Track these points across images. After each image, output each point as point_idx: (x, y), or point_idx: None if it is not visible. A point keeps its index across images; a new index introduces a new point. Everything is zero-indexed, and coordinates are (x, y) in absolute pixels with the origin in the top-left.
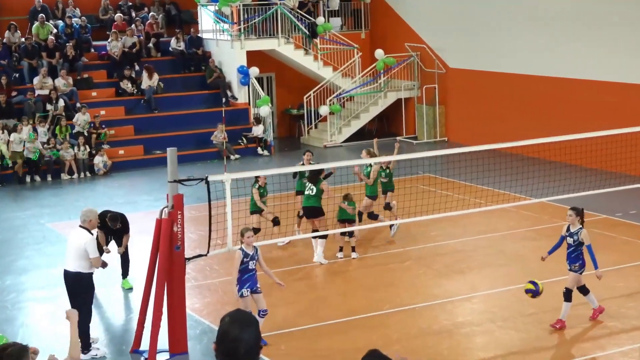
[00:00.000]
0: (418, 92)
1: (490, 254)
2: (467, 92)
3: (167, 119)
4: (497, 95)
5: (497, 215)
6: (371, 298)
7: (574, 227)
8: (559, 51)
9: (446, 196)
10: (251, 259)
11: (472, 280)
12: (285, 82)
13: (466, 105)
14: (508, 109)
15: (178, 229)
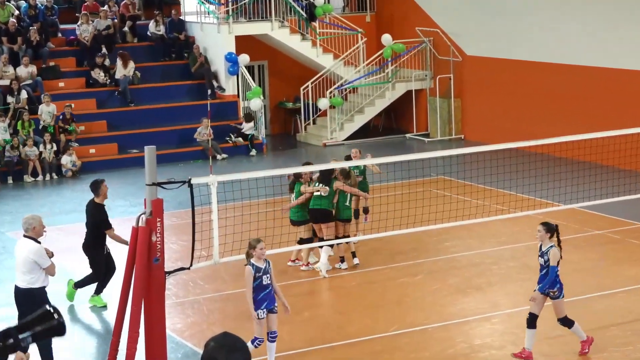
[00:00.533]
0: (431, 83)
1: (513, 267)
2: (487, 83)
3: (144, 113)
4: (521, 87)
5: (520, 224)
6: (376, 318)
7: (544, 246)
8: (594, 37)
9: (463, 202)
10: (264, 272)
11: (492, 297)
12: (280, 72)
13: (485, 98)
14: (533, 102)
15: (157, 239)
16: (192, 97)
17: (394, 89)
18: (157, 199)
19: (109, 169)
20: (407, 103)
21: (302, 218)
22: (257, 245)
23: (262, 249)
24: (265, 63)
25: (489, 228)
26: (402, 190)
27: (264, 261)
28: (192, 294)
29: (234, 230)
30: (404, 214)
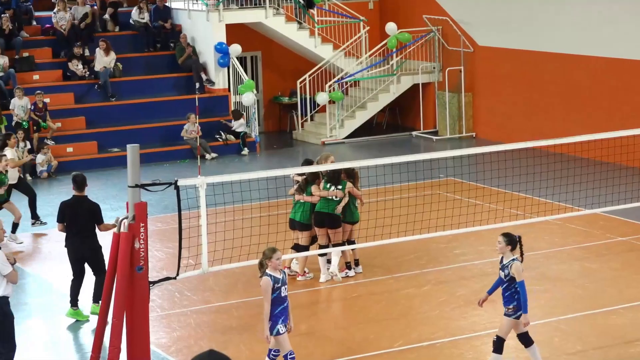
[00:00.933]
0: (439, 76)
1: (528, 277)
2: (501, 77)
3: (126, 108)
4: (538, 81)
5: (537, 230)
6: (379, 332)
7: (506, 259)
8: (618, 26)
9: (474, 205)
10: (282, 283)
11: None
12: (274, 64)
13: (499, 93)
14: (552, 97)
15: (140, 246)
16: (179, 91)
17: (399, 82)
18: (141, 202)
19: (87, 170)
20: (413, 98)
21: (308, 221)
22: (273, 256)
23: (279, 259)
24: (258, 54)
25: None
26: (408, 193)
27: (280, 272)
28: (178, 306)
29: (224, 237)
30: (409, 219)
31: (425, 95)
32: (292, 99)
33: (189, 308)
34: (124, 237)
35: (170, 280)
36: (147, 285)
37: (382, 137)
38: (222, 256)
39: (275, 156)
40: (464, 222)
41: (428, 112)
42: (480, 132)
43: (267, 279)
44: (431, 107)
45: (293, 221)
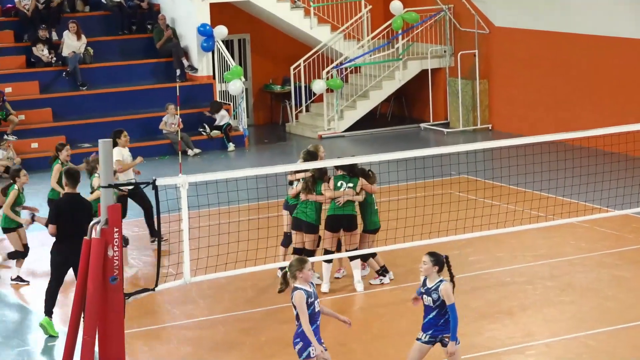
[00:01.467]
0: (451, 61)
1: (552, 287)
2: (520, 61)
3: (98, 98)
4: (563, 66)
5: (562, 233)
6: (383, 350)
7: (431, 281)
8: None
9: (490, 206)
10: (315, 297)
11: (526, 324)
12: (265, 48)
13: (518, 80)
14: (578, 84)
15: (114, 254)
16: (157, 79)
17: (406, 68)
18: (115, 204)
19: None
20: (421, 86)
21: (316, 221)
22: (304, 266)
23: (310, 271)
24: (247, 37)
25: (522, 239)
26: (415, 193)
27: (310, 285)
28: (158, 321)
29: (208, 243)
30: (417, 222)
31: (435, 83)
32: (285, 87)
33: (170, 323)
34: (95, 244)
35: (148, 292)
36: (122, 297)
37: (387, 129)
38: (206, 265)
39: (266, 152)
40: (478, 225)
41: (438, 102)
42: (497, 124)
43: (301, 292)
44: (442, 96)
45: (299, 221)
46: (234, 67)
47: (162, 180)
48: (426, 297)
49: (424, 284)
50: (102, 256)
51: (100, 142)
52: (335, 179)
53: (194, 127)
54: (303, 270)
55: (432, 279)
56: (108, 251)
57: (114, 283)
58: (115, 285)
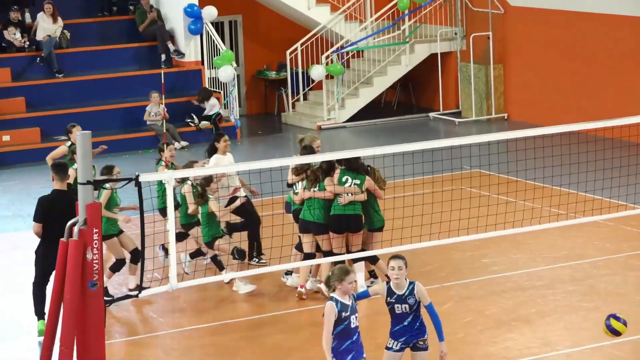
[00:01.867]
0: (462, 44)
1: (573, 292)
2: (538, 44)
3: (76, 87)
4: (586, 49)
5: (585, 233)
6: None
7: (400, 287)
8: None
9: (506, 203)
10: (352, 312)
11: (545, 333)
12: (258, 30)
13: (536, 65)
14: (602, 69)
15: (94, 257)
16: (140, 65)
17: (413, 52)
18: (94, 202)
19: (28, 163)
20: (430, 71)
21: (324, 220)
22: (346, 278)
23: (352, 283)
24: (238, 18)
25: (541, 239)
26: (423, 189)
27: (350, 297)
28: (141, 331)
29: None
30: (425, 221)
31: (445, 68)
32: (281, 73)
33: (155, 332)
34: (73, 246)
35: (131, 298)
36: (103, 304)
37: (392, 120)
38: (194, 268)
39: (259, 145)
40: (493, 224)
41: (449, 89)
42: (513, 113)
43: (332, 304)
44: (452, 82)
45: (306, 223)
46: (225, 52)
47: (145, 176)
48: (398, 305)
49: (390, 294)
50: (81, 259)
51: (78, 135)
52: (341, 173)
53: (181, 117)
54: (343, 283)
55: (401, 285)
56: (87, 254)
57: (93, 289)
58: (95, 291)
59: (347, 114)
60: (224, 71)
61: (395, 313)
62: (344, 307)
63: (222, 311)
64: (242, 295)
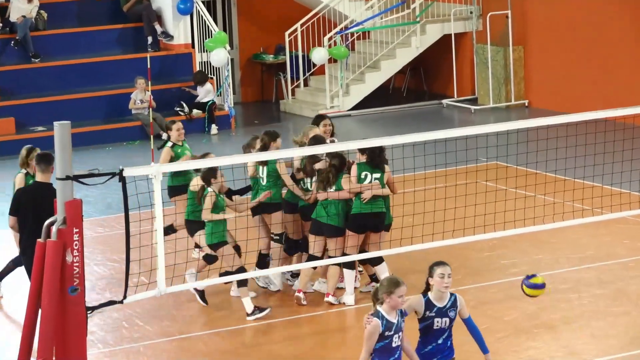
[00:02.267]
0: (478, 24)
1: (601, 296)
2: (562, 24)
3: (54, 72)
4: (613, 30)
5: (613, 231)
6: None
7: (442, 299)
8: None
9: (525, 198)
10: (396, 331)
11: (570, 341)
12: (254, 10)
13: (559, 47)
14: (632, 52)
15: (74, 259)
16: (125, 49)
17: (424, 33)
18: (74, 199)
19: (2, 156)
20: (443, 54)
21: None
22: (395, 290)
23: (402, 297)
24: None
25: (565, 238)
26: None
27: (397, 313)
28: (127, 340)
29: (187, 245)
30: (438, 218)
31: (459, 51)
32: (279, 57)
33: (142, 342)
34: (51, 248)
35: (115, 304)
36: (84, 312)
37: (402, 107)
38: (184, 272)
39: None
40: (512, 221)
41: (464, 73)
42: (534, 100)
43: (377, 322)
44: (468, 66)
45: (319, 224)
46: (217, 34)
47: (130, 170)
48: (439, 320)
49: (429, 307)
50: (60, 262)
51: (57, 125)
52: (359, 168)
53: (170, 105)
54: (392, 296)
55: (444, 296)
56: (67, 256)
57: (73, 294)
58: (76, 296)
59: (352, 101)
60: (216, 55)
61: (432, 329)
62: (389, 325)
63: (215, 318)
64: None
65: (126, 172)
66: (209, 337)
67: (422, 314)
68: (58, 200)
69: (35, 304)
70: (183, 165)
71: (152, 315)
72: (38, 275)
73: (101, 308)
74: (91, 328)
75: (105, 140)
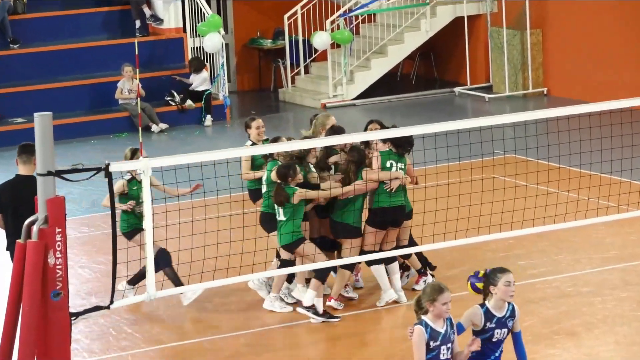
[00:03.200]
0: (493, 6)
1: (626, 299)
2: (583, 5)
3: (35, 59)
4: (638, 11)
5: (638, 229)
6: None
7: (502, 309)
8: None
9: (546, 194)
10: (443, 341)
11: (592, 348)
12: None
13: (581, 30)
14: None
15: (57, 261)
16: (111, 34)
17: (434, 15)
18: (56, 197)
19: None
20: (455, 38)
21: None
22: (439, 297)
23: (447, 304)
24: None
25: (587, 237)
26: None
27: (444, 322)
28: (114, 348)
29: (179, 246)
30: (451, 216)
31: (472, 35)
32: (278, 42)
33: (130, 351)
34: (32, 249)
35: (101, 310)
36: (68, 318)
37: (411, 96)
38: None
39: None
40: (530, 219)
41: (477, 59)
42: (553, 87)
43: (420, 329)
44: (482, 51)
45: (337, 224)
46: (211, 17)
47: (117, 165)
48: (499, 331)
49: (489, 317)
50: (41, 265)
51: (37, 117)
52: (383, 157)
53: (160, 95)
54: (435, 304)
55: (504, 306)
56: (48, 258)
57: (56, 299)
58: (59, 302)
59: (357, 89)
60: (210, 40)
61: (492, 342)
62: (434, 334)
63: (210, 325)
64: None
65: (113, 167)
66: (200, 345)
67: (481, 326)
68: (39, 198)
69: (15, 309)
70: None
71: (141, 321)
72: (18, 279)
73: (86, 314)
74: (75, 336)
75: (90, 132)
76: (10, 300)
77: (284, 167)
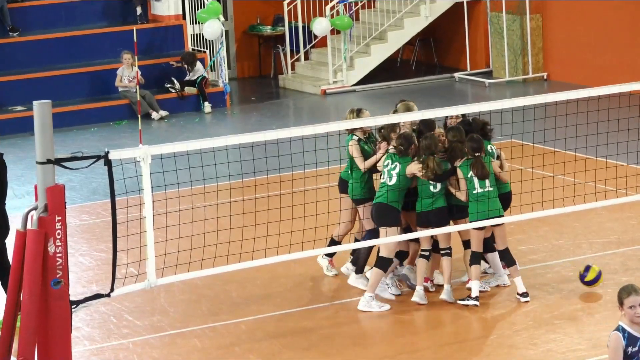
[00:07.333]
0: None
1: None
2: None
3: (34, 47)
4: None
5: (639, 213)
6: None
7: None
8: None
9: (543, 179)
10: None
11: (593, 333)
12: None
13: (582, 14)
14: None
15: (57, 250)
16: (110, 21)
17: (434, 0)
18: (56, 185)
19: None
20: (455, 23)
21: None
22: (625, 301)
23: (634, 307)
24: None
25: (588, 221)
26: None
27: None
28: (115, 336)
29: (179, 234)
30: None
31: (472, 20)
32: (277, 28)
33: (131, 339)
34: (32, 237)
35: (102, 298)
36: (69, 306)
37: (411, 82)
38: (176, 262)
39: (253, 113)
40: (529, 204)
41: (477, 44)
42: (554, 72)
43: (617, 335)
44: (482, 36)
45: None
46: (210, 4)
47: (117, 152)
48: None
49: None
50: (41, 253)
51: (36, 105)
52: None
53: (159, 82)
54: (622, 307)
55: None
56: (49, 246)
57: (57, 288)
58: (59, 290)
59: (357, 75)
60: (209, 27)
61: None
62: (632, 340)
63: (211, 313)
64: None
65: (112, 154)
66: (203, 332)
67: (624, 351)
68: (39, 186)
69: (14, 298)
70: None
71: (142, 309)
72: (18, 267)
73: (87, 302)
74: (76, 324)
75: (89, 120)
76: (10, 289)
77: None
